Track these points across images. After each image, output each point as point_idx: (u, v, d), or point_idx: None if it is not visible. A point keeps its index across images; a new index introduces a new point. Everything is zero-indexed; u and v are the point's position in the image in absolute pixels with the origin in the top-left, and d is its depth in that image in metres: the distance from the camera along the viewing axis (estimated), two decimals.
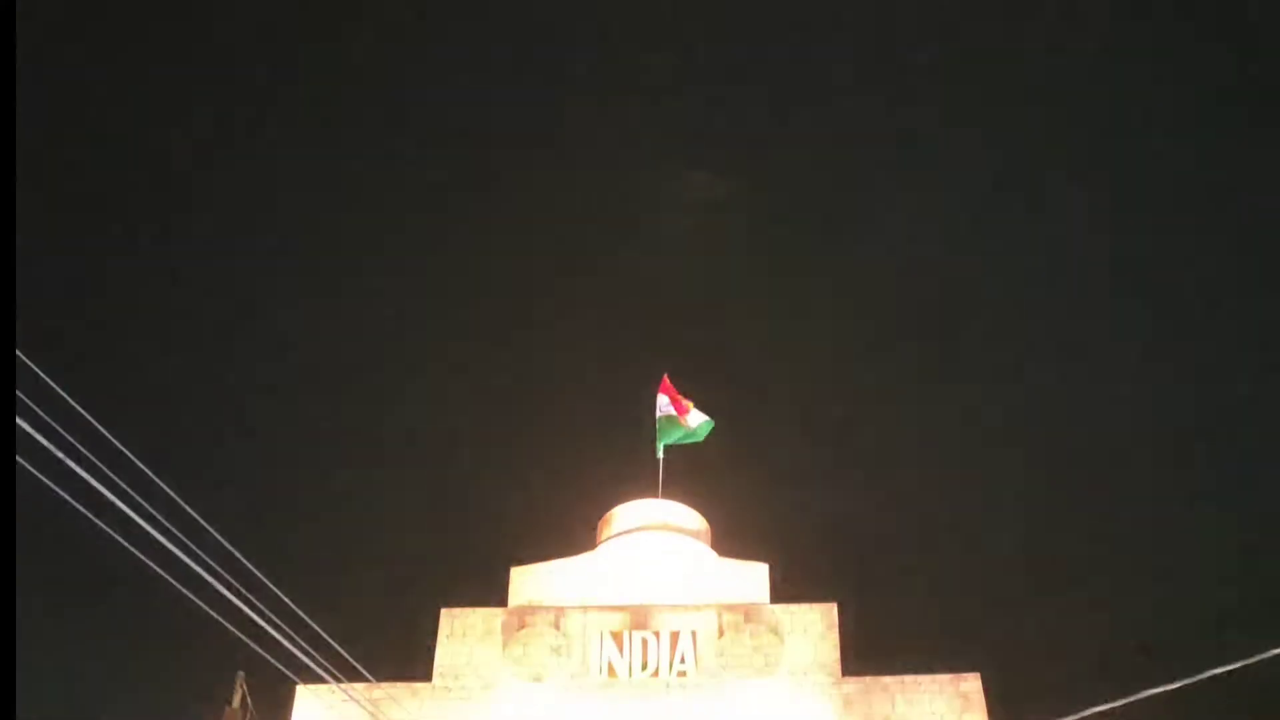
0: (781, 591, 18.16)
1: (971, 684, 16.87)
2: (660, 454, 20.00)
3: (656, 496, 19.71)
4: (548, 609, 17.78)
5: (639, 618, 17.63)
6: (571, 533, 20.81)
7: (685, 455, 20.68)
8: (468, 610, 17.85)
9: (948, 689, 16.82)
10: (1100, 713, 12.08)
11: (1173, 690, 11.83)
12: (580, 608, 17.79)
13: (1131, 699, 11.85)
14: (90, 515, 9.19)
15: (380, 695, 15.81)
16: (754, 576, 18.21)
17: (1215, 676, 11.51)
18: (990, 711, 16.61)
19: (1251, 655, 11.12)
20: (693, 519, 19.66)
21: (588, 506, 20.70)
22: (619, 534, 19.22)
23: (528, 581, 18.20)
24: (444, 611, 17.86)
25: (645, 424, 20.19)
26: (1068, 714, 12.08)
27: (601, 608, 17.79)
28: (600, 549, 19.02)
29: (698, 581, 18.20)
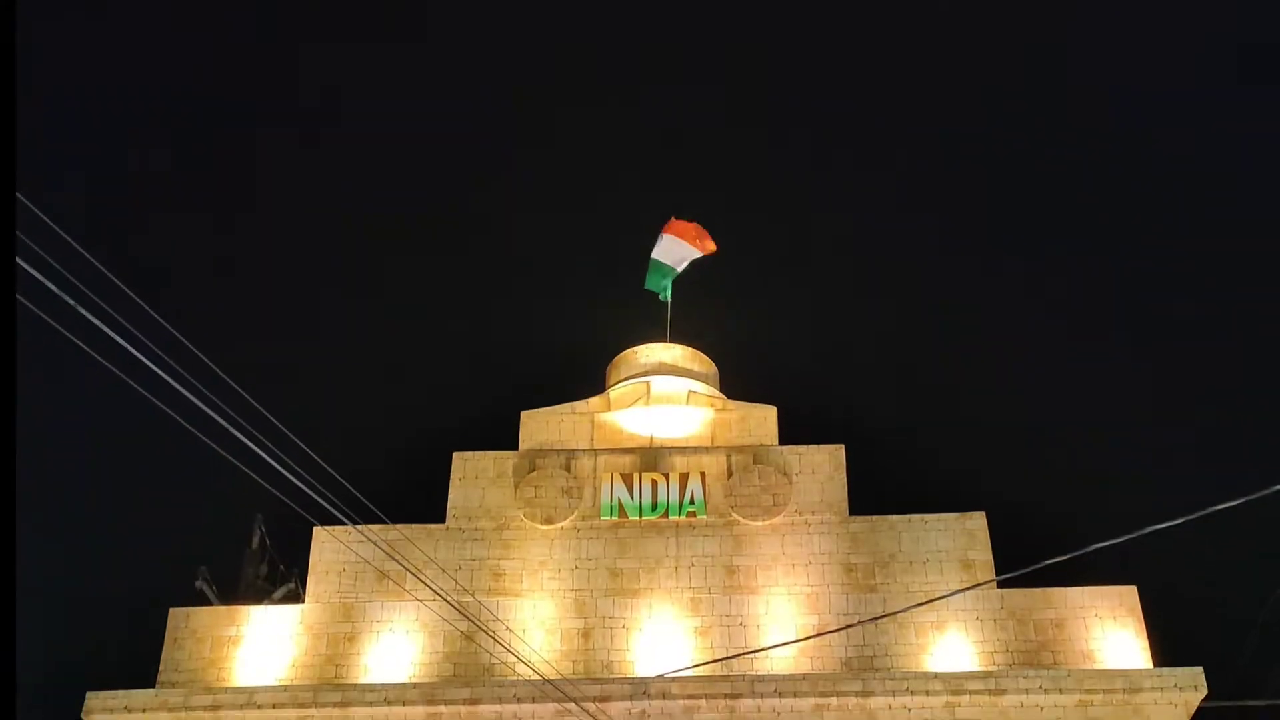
0: (790, 433, 18.36)
1: (976, 522, 17.15)
2: (667, 297, 19.98)
3: (665, 341, 19.78)
4: (558, 452, 18.01)
5: (648, 460, 17.86)
6: (581, 377, 20.95)
7: (694, 299, 20.70)
8: (479, 454, 18.08)
9: (953, 526, 17.11)
10: (1101, 548, 12.25)
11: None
12: (590, 450, 18.02)
13: (1136, 534, 12.02)
14: (105, 361, 9.22)
15: (395, 536, 16.12)
16: (763, 419, 18.38)
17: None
18: (994, 549, 16.92)
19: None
20: (701, 362, 19.77)
21: (597, 351, 20.82)
22: (628, 378, 19.36)
23: (538, 425, 18.40)
24: (456, 455, 18.09)
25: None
26: (1074, 549, 12.26)
27: (611, 450, 18.01)
28: (610, 392, 19.17)
29: (707, 424, 18.38)
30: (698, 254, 19.86)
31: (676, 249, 19.80)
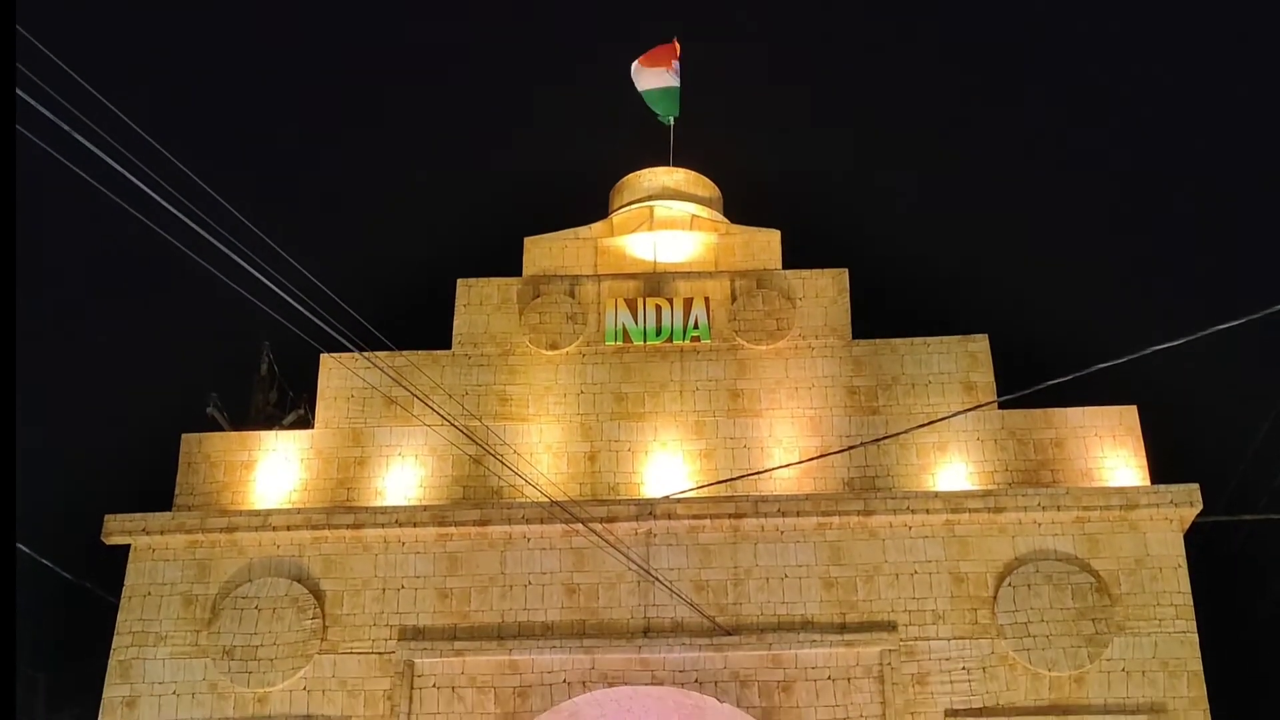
0: (793, 257, 18.32)
1: (979, 344, 17.25)
2: (669, 120, 19.71)
3: (668, 165, 19.59)
4: (562, 278, 18.02)
5: (652, 285, 17.88)
6: (584, 203, 20.80)
7: (697, 123, 20.43)
8: (483, 280, 18.08)
9: (955, 349, 17.22)
10: (1105, 368, 12.36)
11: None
12: (594, 276, 18.02)
13: (1137, 355, 12.10)
14: (108, 192, 9.17)
15: (402, 363, 16.24)
16: (766, 243, 18.33)
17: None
18: (996, 371, 17.06)
19: None
20: (705, 186, 19.61)
21: (600, 176, 20.63)
22: (631, 203, 19.23)
23: (542, 251, 18.36)
24: (460, 282, 18.10)
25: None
26: (1077, 370, 12.37)
27: (615, 276, 18.01)
28: (613, 218, 19.07)
29: (710, 248, 18.34)
30: (672, 73, 19.44)
31: (657, 76, 19.43)
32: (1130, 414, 16.64)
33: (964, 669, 15.28)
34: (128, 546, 16.32)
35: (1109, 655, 15.16)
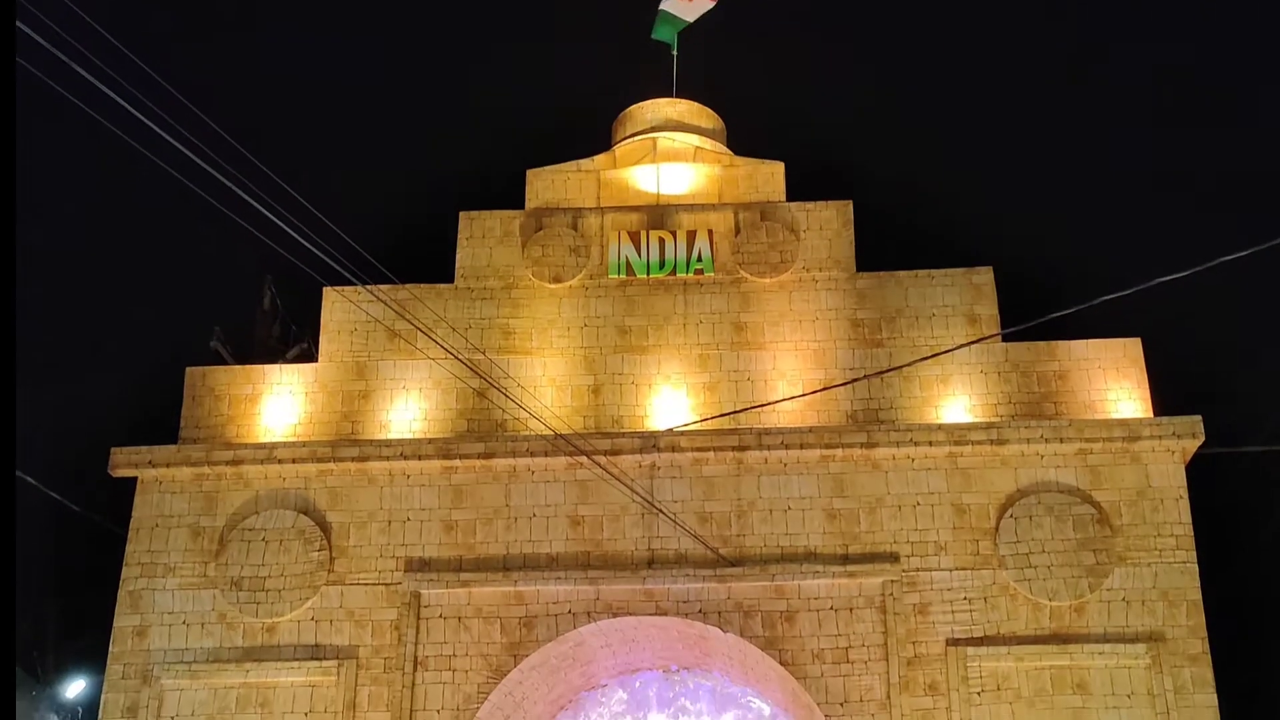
0: (797, 190, 18.23)
1: (984, 276, 17.21)
2: (674, 49, 19.51)
3: (671, 96, 19.42)
4: (564, 210, 17.95)
5: (655, 218, 17.81)
6: (586, 135, 20.67)
7: (701, 54, 20.24)
8: (486, 213, 18.02)
9: (960, 281, 17.18)
10: (1111, 300, 12.33)
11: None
12: (597, 209, 17.95)
13: (1142, 286, 12.06)
14: (109, 124, 9.12)
15: (405, 296, 16.23)
16: (770, 175, 18.23)
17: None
18: (1001, 304, 17.03)
19: None
20: (709, 118, 19.45)
21: (603, 108, 20.46)
22: (634, 134, 19.10)
23: (544, 183, 18.27)
24: (462, 215, 18.03)
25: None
26: (1082, 303, 12.34)
27: (618, 208, 17.94)
28: (615, 150, 18.95)
29: (714, 180, 18.24)
30: (709, 5, 19.13)
31: (686, 3, 19.12)
32: (1134, 346, 16.63)
33: (965, 599, 15.41)
34: (135, 479, 16.41)
35: (1109, 585, 15.28)
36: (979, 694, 14.96)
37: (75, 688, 20.70)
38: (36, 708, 19.97)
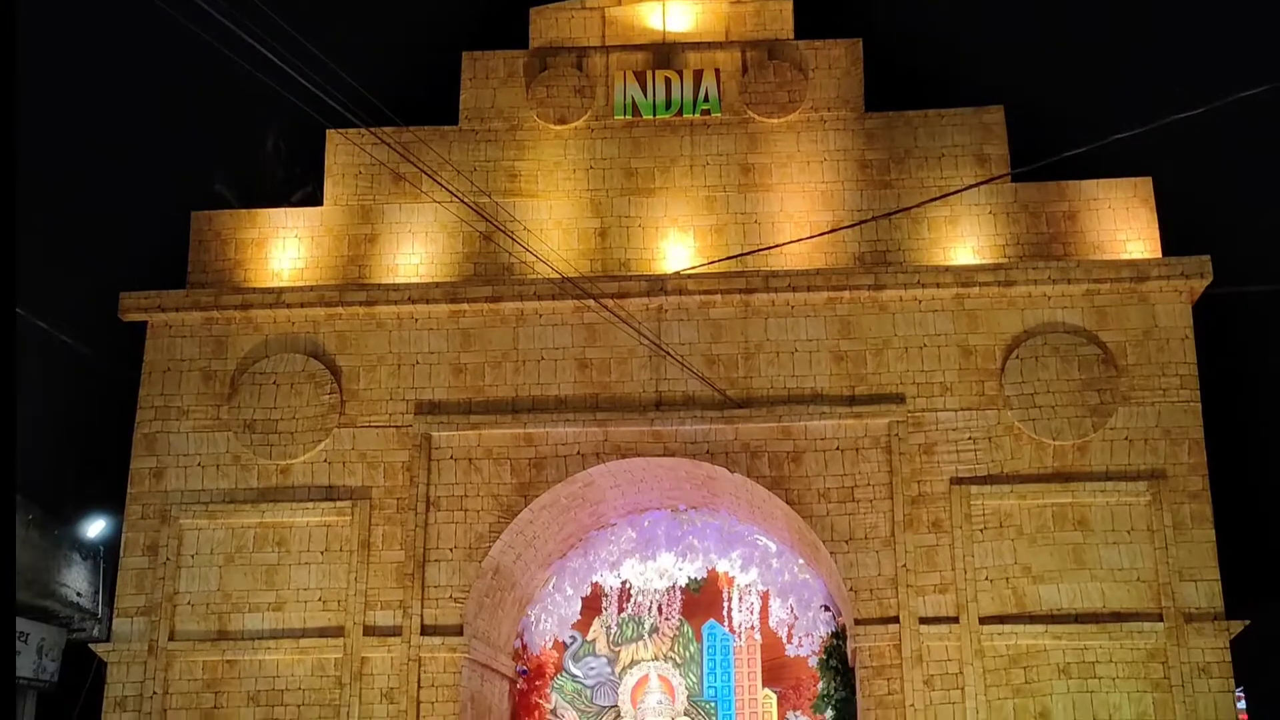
0: (806, 27, 17.84)
1: (994, 116, 16.96)
2: None
3: None
4: (569, 50, 17.63)
5: (661, 57, 17.49)
6: None
7: None
8: (489, 54, 17.69)
9: (970, 121, 16.94)
10: (1122, 139, 12.20)
11: None
12: (601, 48, 17.62)
13: (1154, 125, 11.92)
14: None
15: (409, 139, 16.05)
16: (778, 11, 17.81)
17: None
18: (1011, 144, 16.82)
19: None
20: None
21: None
22: None
23: (548, 22, 17.88)
24: (465, 55, 17.70)
25: None
26: (1091, 141, 12.22)
27: (623, 47, 17.60)
28: None
29: (721, 18, 17.84)
30: None
31: None
32: (1145, 185, 16.48)
33: (970, 439, 15.58)
34: (145, 324, 16.50)
35: (1112, 424, 15.43)
36: (981, 531, 15.25)
37: (95, 527, 21.14)
38: (59, 546, 20.43)
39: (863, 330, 16.02)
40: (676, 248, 16.58)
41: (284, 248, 16.85)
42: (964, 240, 16.35)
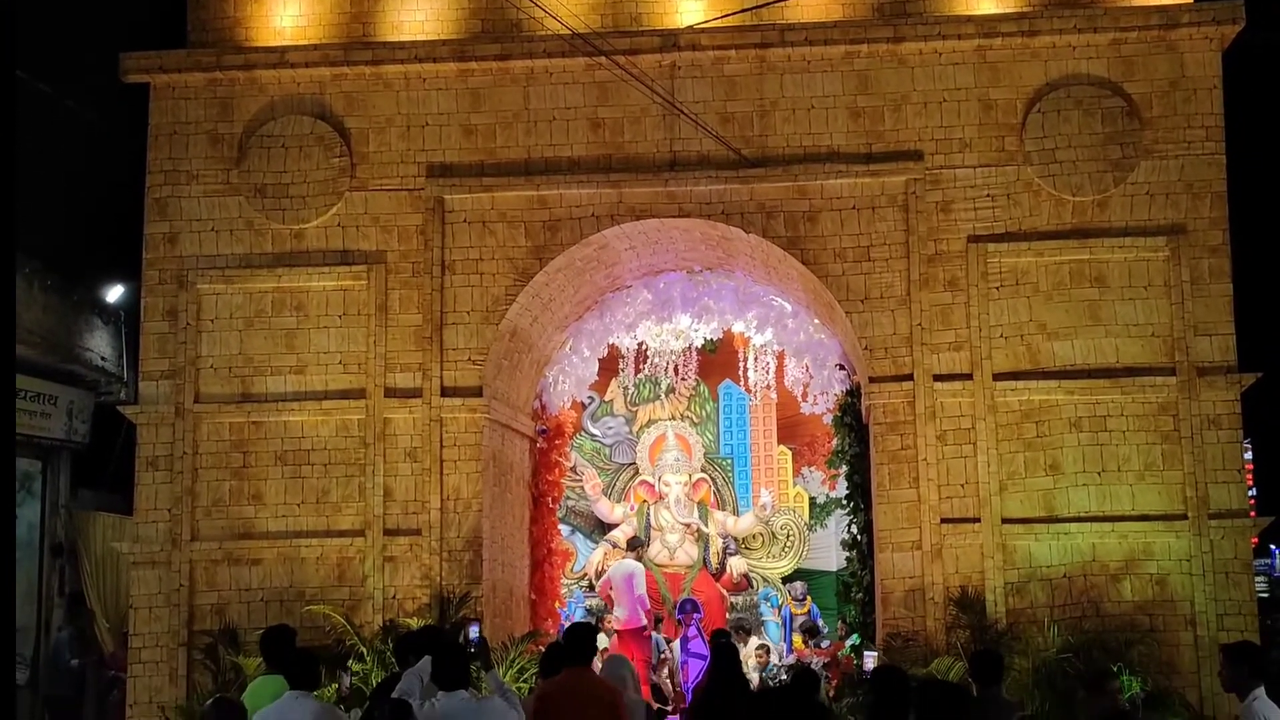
0: None
1: None
2: None
3: None
4: None
5: None
6: None
7: None
8: None
9: None
10: None
11: None
12: None
13: None
14: None
15: None
16: None
17: None
18: None
19: None
20: None
21: None
22: None
23: None
24: None
25: None
26: None
27: None
28: None
29: None
30: None
31: None
32: None
33: (988, 196, 15.38)
34: (148, 86, 16.19)
35: (1134, 179, 15.18)
36: (998, 288, 15.20)
37: (114, 293, 21.31)
38: (81, 311, 20.65)
39: (880, 85, 15.62)
40: (690, 2, 16.03)
41: (285, 3, 16.35)
42: None
